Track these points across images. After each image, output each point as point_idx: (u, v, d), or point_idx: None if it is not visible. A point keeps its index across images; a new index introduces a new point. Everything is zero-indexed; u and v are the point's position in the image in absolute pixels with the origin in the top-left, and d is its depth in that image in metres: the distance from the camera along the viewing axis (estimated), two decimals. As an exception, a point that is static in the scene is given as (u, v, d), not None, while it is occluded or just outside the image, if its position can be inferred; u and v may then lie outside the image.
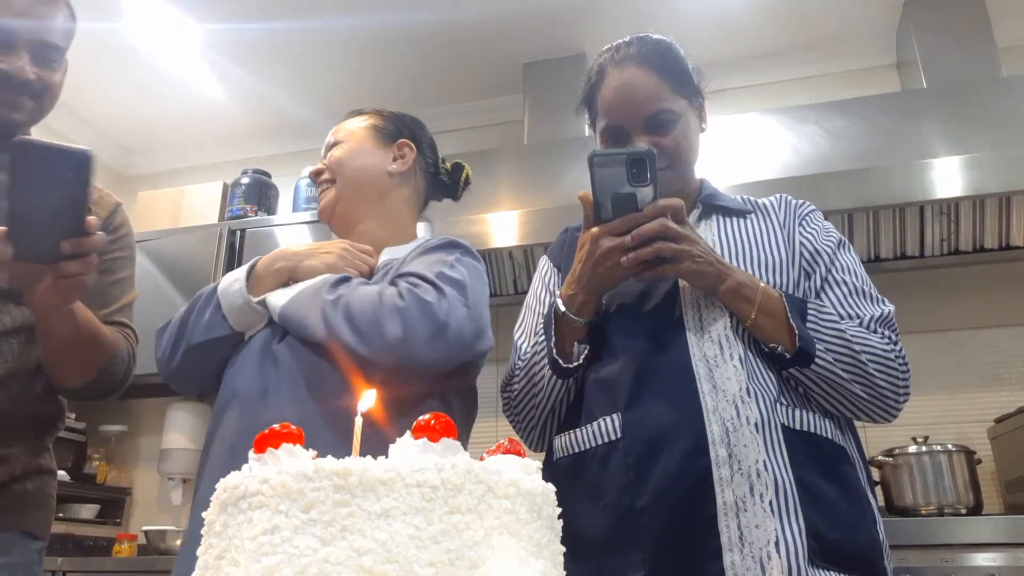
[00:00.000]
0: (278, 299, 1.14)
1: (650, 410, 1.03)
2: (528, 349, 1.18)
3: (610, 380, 1.09)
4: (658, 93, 1.19)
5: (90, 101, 3.34)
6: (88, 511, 2.95)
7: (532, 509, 0.55)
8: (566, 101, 3.03)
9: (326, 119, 3.44)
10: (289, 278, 1.18)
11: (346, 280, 1.13)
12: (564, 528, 1.00)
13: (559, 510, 0.60)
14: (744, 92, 3.06)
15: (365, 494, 0.48)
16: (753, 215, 1.23)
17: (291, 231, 3.01)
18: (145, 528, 2.67)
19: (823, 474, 1.01)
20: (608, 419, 1.07)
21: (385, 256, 1.25)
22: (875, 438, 2.45)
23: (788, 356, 1.03)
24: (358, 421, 0.59)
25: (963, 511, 2.01)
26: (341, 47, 3.02)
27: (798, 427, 1.03)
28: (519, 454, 0.59)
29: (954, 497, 2.02)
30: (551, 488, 0.59)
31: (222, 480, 0.53)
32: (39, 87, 1.24)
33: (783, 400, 1.04)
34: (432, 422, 0.54)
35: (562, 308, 1.09)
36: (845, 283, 1.14)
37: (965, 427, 2.37)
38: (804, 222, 1.22)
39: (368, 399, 0.62)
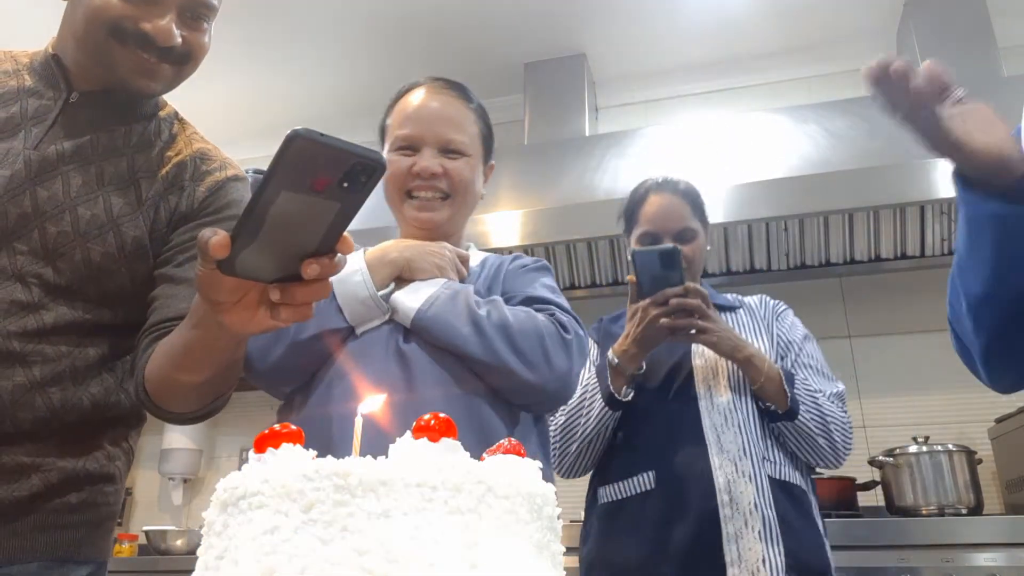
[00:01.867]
0: (410, 300, 1.07)
1: (674, 468, 1.41)
2: (578, 390, 1.49)
3: (644, 445, 1.46)
4: (687, 215, 1.57)
5: (90, 101, 3.34)
6: (88, 511, 2.95)
7: (532, 509, 0.55)
8: (566, 101, 3.04)
9: (326, 119, 3.45)
10: (400, 273, 1.10)
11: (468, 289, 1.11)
12: (608, 554, 1.45)
13: (559, 510, 0.60)
14: (744, 92, 3.06)
15: (365, 494, 0.48)
16: (741, 310, 1.62)
17: (291, 231, 3.01)
18: (146, 528, 2.67)
19: (793, 511, 1.39)
20: (645, 475, 1.43)
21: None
22: (876, 438, 2.45)
23: (780, 412, 1.43)
24: (358, 421, 0.59)
25: (964, 511, 2.01)
26: (341, 47, 3.02)
27: (778, 477, 1.42)
28: (519, 454, 0.59)
29: (955, 497, 2.02)
30: (551, 488, 0.59)
31: (222, 480, 0.54)
32: (183, 52, 1.05)
33: (768, 457, 1.43)
34: (432, 422, 0.54)
35: (615, 360, 1.46)
36: (810, 367, 1.54)
37: (966, 427, 2.37)
38: (779, 319, 1.62)
39: (373, 402, 0.62)
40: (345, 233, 0.68)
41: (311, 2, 2.78)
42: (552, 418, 1.50)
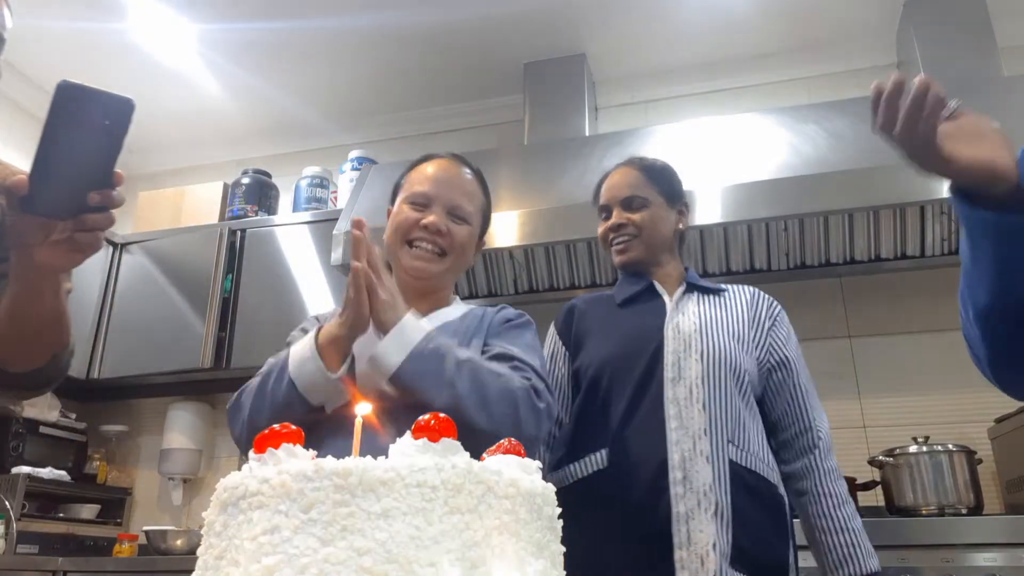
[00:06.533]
0: (391, 355, 1.06)
1: (629, 443, 1.36)
2: None
3: (601, 423, 1.40)
4: (636, 182, 1.57)
5: (90, 101, 3.33)
6: (89, 511, 2.96)
7: (532, 509, 0.55)
8: (566, 101, 3.04)
9: (326, 119, 3.44)
10: (351, 339, 1.11)
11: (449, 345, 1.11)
12: (567, 538, 1.21)
13: (559, 510, 0.60)
14: (744, 92, 3.05)
15: (365, 494, 0.48)
16: (726, 293, 1.54)
17: (291, 231, 3.01)
18: (146, 528, 2.67)
19: (755, 501, 1.32)
20: (597, 454, 1.37)
21: (437, 320, 1.25)
22: (875, 438, 2.45)
23: None
24: (358, 422, 0.59)
25: (964, 511, 2.01)
26: (341, 47, 3.02)
27: (742, 463, 1.33)
28: (519, 454, 0.59)
29: (955, 497, 2.02)
30: (551, 488, 0.59)
31: (222, 480, 0.54)
32: None
33: (734, 441, 1.34)
34: (432, 422, 0.54)
35: None
36: (806, 392, 1.47)
37: (966, 427, 2.37)
38: (776, 325, 1.51)
39: (364, 407, 0.62)
40: (117, 169, 0.86)
41: (314, 2, 2.78)
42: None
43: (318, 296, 2.85)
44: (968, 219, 0.86)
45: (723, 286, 1.56)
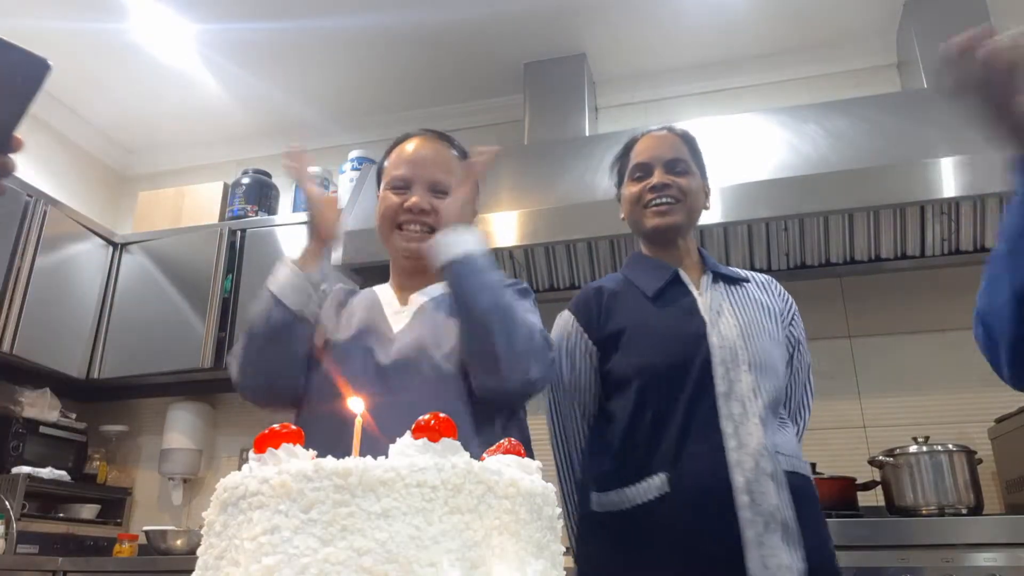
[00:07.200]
0: (453, 246, 1.18)
1: (689, 466, 1.26)
2: None
3: (654, 445, 1.31)
4: (680, 148, 1.50)
5: (91, 101, 3.34)
6: (89, 511, 2.96)
7: (532, 509, 0.55)
8: (566, 101, 3.04)
9: (326, 119, 3.45)
10: (319, 240, 1.26)
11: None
12: (615, 571, 1.30)
13: (559, 509, 0.60)
14: (744, 92, 3.06)
15: (365, 494, 0.48)
16: (751, 284, 1.49)
17: (292, 231, 3.01)
18: (146, 528, 2.67)
19: (808, 508, 1.27)
20: (655, 478, 1.28)
21: (430, 294, 1.32)
22: (876, 438, 2.45)
23: None
24: (358, 422, 0.59)
25: (964, 511, 2.01)
26: (341, 47, 3.02)
27: (792, 470, 1.28)
28: (519, 454, 0.59)
29: (955, 497, 2.02)
30: (551, 488, 0.59)
31: (222, 480, 0.54)
32: None
33: (781, 449, 1.29)
34: (432, 422, 0.54)
35: None
36: (804, 390, 1.51)
37: (966, 427, 2.37)
38: (795, 321, 1.50)
39: (357, 404, 0.62)
40: (16, 134, 0.76)
41: (314, 2, 2.78)
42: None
43: (318, 296, 2.85)
44: None
45: (743, 274, 1.50)
